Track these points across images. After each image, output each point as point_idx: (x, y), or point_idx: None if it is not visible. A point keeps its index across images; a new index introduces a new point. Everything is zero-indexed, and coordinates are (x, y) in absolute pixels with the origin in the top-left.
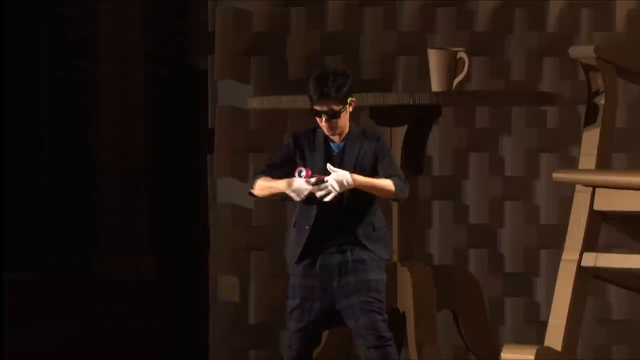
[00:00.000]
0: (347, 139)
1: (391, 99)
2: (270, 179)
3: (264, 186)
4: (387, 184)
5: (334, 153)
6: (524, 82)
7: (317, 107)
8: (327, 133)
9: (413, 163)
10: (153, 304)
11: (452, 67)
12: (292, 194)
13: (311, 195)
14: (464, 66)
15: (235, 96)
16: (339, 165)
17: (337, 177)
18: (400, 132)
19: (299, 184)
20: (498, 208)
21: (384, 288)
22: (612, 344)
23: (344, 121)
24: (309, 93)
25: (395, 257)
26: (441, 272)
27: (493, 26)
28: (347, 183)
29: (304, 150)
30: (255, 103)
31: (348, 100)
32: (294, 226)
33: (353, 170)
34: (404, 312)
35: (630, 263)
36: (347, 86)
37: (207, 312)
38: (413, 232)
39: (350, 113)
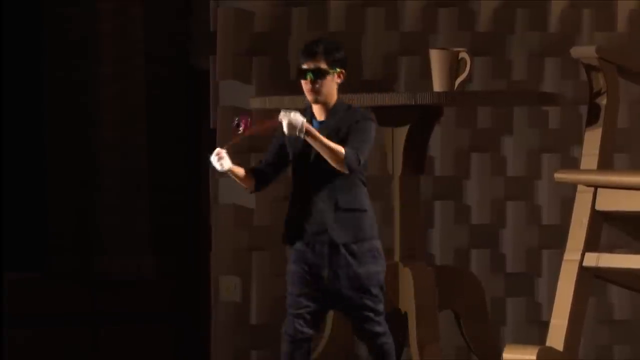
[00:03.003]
0: (329, 113)
1: (393, 99)
2: (250, 173)
3: None
4: (338, 148)
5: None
6: (525, 82)
7: (304, 66)
8: (309, 97)
9: (415, 163)
10: (154, 304)
11: (453, 67)
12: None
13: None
14: (465, 66)
15: (237, 96)
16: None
17: (291, 118)
18: (402, 132)
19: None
20: (500, 208)
21: (379, 278)
22: (614, 344)
23: (329, 89)
24: (299, 59)
25: (396, 257)
26: (443, 272)
27: (495, 26)
28: (299, 127)
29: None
30: (257, 103)
31: (337, 69)
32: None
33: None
34: (405, 313)
35: (631, 263)
36: (338, 53)
37: (208, 313)
38: (414, 232)
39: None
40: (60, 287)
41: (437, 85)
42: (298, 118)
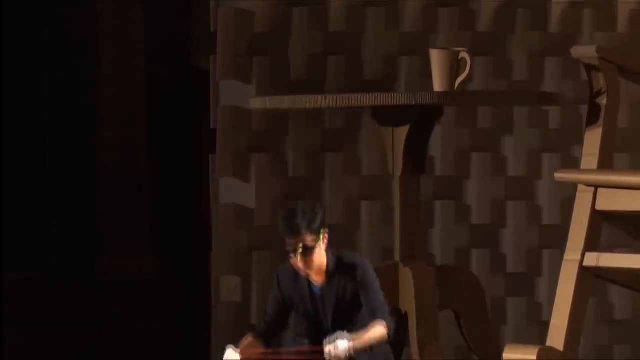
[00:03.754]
0: (327, 277)
1: (393, 99)
2: (260, 341)
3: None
4: (380, 334)
5: (317, 296)
6: (526, 82)
7: (289, 243)
8: (302, 271)
9: (415, 163)
10: (154, 304)
11: (454, 67)
12: None
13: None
14: (466, 66)
15: (237, 96)
16: (322, 308)
17: (339, 350)
18: (402, 132)
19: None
20: (500, 208)
21: None
22: (614, 344)
23: (320, 257)
24: (281, 232)
25: (396, 257)
26: (443, 272)
27: (495, 26)
28: (350, 353)
29: (291, 295)
30: (257, 103)
31: (322, 232)
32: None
33: (335, 308)
34: (405, 313)
35: (632, 263)
36: (318, 219)
37: (209, 313)
38: (415, 232)
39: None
40: (60, 287)
41: (438, 85)
42: (342, 348)
